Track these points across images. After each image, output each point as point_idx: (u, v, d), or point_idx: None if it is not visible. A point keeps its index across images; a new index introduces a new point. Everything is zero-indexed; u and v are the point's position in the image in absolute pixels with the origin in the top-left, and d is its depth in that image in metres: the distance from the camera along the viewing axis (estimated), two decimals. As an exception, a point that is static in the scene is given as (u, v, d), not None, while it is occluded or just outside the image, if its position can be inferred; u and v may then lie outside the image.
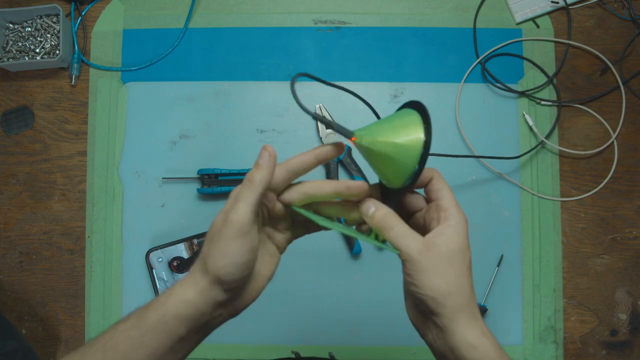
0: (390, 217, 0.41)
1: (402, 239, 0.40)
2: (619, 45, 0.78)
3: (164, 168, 0.77)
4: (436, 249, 0.40)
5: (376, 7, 0.80)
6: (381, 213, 0.42)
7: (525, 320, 0.74)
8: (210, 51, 0.80)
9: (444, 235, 0.41)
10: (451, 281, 0.39)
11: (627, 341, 0.74)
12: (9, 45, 0.78)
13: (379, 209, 0.42)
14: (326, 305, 0.75)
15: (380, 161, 0.41)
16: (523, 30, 0.79)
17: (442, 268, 0.39)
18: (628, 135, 0.77)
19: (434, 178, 0.43)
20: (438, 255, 0.40)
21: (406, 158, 0.40)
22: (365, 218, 0.43)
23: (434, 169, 0.43)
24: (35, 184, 0.78)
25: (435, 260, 0.40)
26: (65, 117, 0.79)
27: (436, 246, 0.40)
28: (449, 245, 0.40)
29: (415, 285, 0.40)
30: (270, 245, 0.46)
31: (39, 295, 0.77)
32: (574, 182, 0.77)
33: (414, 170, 0.40)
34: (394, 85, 0.78)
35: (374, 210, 0.42)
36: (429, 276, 0.39)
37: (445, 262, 0.40)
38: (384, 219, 0.41)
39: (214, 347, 0.74)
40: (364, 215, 0.43)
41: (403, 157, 0.40)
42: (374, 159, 0.41)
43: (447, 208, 0.42)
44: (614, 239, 0.76)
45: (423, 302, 0.40)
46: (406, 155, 0.40)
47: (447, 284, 0.39)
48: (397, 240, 0.41)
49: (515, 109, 0.77)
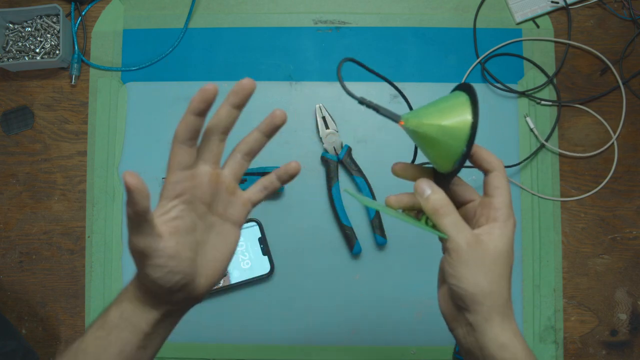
0: (445, 203, 0.41)
1: (454, 227, 0.40)
2: (619, 45, 0.78)
3: (164, 168, 0.76)
4: (484, 245, 0.39)
5: (376, 7, 0.80)
6: (437, 197, 0.41)
7: (525, 320, 0.74)
8: (210, 51, 0.80)
9: (493, 234, 0.40)
10: (493, 280, 0.39)
11: (627, 341, 0.75)
12: (9, 45, 0.78)
13: (435, 192, 0.41)
14: (326, 305, 0.75)
15: (428, 144, 0.40)
16: (523, 30, 0.79)
17: (486, 266, 0.39)
18: (628, 135, 0.77)
19: (495, 171, 0.42)
20: (485, 252, 0.39)
21: (453, 140, 0.39)
22: (419, 199, 0.42)
23: (499, 161, 0.42)
24: (35, 184, 0.78)
25: (481, 256, 0.39)
26: (65, 117, 0.79)
27: (486, 243, 0.39)
28: (497, 245, 0.40)
29: (455, 277, 0.39)
30: (223, 224, 0.43)
31: (39, 295, 0.77)
32: (574, 182, 0.77)
33: (461, 152, 0.39)
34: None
35: (429, 193, 0.41)
36: (472, 271, 0.39)
37: (490, 261, 0.39)
38: (440, 203, 0.41)
39: (214, 347, 0.74)
40: (419, 196, 0.42)
41: (450, 139, 0.39)
42: (422, 142, 0.40)
43: (499, 208, 0.41)
44: (614, 239, 0.76)
45: (460, 296, 0.40)
46: (453, 138, 0.39)
47: (489, 283, 0.39)
48: (449, 227, 0.40)
49: (515, 109, 0.77)
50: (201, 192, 0.41)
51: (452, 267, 0.40)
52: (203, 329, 0.75)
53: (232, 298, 0.75)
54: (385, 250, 0.75)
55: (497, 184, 0.41)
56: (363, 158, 0.76)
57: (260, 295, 0.75)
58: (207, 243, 0.42)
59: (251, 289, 0.75)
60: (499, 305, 0.39)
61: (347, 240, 0.74)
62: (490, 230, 0.40)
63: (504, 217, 0.40)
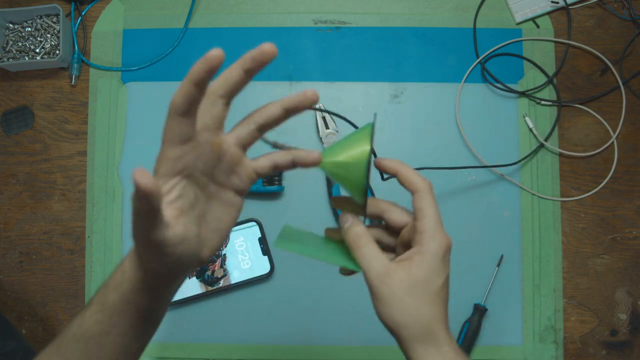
0: (361, 235, 0.40)
1: (365, 260, 0.39)
2: (619, 45, 0.78)
3: (164, 168, 0.77)
4: (396, 275, 0.38)
5: (376, 7, 0.80)
6: (354, 229, 0.40)
7: (525, 320, 0.74)
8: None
9: (412, 260, 0.38)
10: (406, 312, 0.38)
11: (627, 341, 0.74)
12: (9, 45, 0.78)
13: (354, 225, 0.41)
14: (326, 305, 0.75)
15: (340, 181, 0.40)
16: (523, 30, 0.79)
17: (398, 297, 0.38)
18: (628, 135, 0.77)
19: (417, 192, 0.40)
20: (397, 283, 0.38)
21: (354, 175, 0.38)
22: (341, 231, 0.41)
23: (424, 182, 0.40)
24: (35, 184, 0.78)
25: (392, 288, 0.38)
26: (65, 117, 0.79)
27: (397, 272, 0.38)
28: (412, 273, 0.38)
29: (374, 308, 0.39)
30: (226, 193, 0.40)
31: (39, 295, 0.77)
32: (574, 182, 0.77)
33: (362, 186, 0.38)
34: (394, 85, 0.78)
35: (348, 225, 0.41)
36: (384, 304, 0.38)
37: (403, 291, 0.38)
38: (355, 235, 0.40)
39: (214, 347, 0.74)
40: (341, 228, 0.41)
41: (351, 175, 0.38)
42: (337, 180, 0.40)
43: (422, 231, 0.39)
44: (614, 239, 0.76)
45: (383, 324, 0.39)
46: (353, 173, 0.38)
47: (400, 315, 0.38)
48: (361, 260, 0.39)
49: (515, 109, 0.77)
50: (202, 162, 0.37)
51: (371, 298, 0.39)
52: (203, 329, 0.75)
53: (232, 298, 0.75)
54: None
55: (420, 204, 0.39)
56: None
57: (260, 295, 0.75)
58: (209, 214, 0.39)
59: (251, 289, 0.75)
60: (418, 334, 0.38)
61: (347, 240, 0.74)
62: (409, 256, 0.39)
63: (426, 241, 0.38)
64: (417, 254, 0.39)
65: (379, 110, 0.77)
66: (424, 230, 0.39)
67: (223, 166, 0.39)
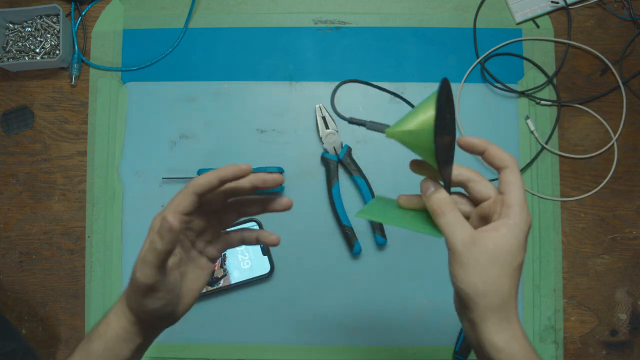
0: (444, 202, 0.40)
1: (450, 227, 0.40)
2: (619, 45, 0.78)
3: (164, 168, 0.77)
4: (483, 244, 0.38)
5: (376, 7, 0.80)
6: (437, 196, 0.41)
7: (525, 320, 0.74)
8: (210, 51, 0.80)
9: (498, 231, 0.39)
10: (489, 280, 0.38)
11: (627, 341, 0.75)
12: (9, 45, 0.78)
13: (437, 191, 0.41)
14: (326, 305, 0.75)
15: (411, 149, 0.40)
16: (523, 30, 0.79)
17: (482, 265, 0.38)
18: (628, 135, 0.77)
19: (507, 168, 0.41)
20: (482, 251, 0.38)
21: (422, 142, 0.38)
22: (423, 197, 0.42)
23: (511, 158, 0.41)
24: (35, 184, 0.78)
25: (477, 256, 0.38)
26: (65, 117, 0.79)
27: (484, 241, 0.39)
28: (499, 243, 0.38)
29: (453, 275, 0.39)
30: (201, 259, 0.48)
31: (39, 295, 0.77)
32: (574, 182, 0.77)
33: (433, 153, 0.38)
34: (394, 85, 0.78)
35: (431, 192, 0.41)
36: (467, 271, 0.38)
37: (487, 260, 0.38)
38: (438, 202, 0.41)
39: (214, 347, 0.74)
40: (423, 195, 0.42)
41: (420, 142, 0.38)
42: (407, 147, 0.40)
43: (510, 205, 0.39)
44: (614, 239, 0.76)
45: (457, 293, 0.40)
46: (421, 140, 0.38)
47: (483, 283, 0.38)
48: (445, 227, 0.40)
49: (516, 109, 0.77)
50: (192, 232, 0.46)
51: (450, 265, 0.40)
52: (203, 329, 0.75)
53: (232, 298, 0.75)
54: (385, 250, 0.75)
55: (509, 179, 0.40)
56: (363, 158, 0.76)
57: (260, 295, 0.75)
58: (187, 275, 0.46)
59: (251, 289, 0.75)
60: (495, 305, 0.38)
61: (347, 240, 0.74)
62: (496, 227, 0.39)
63: (515, 215, 0.39)
64: (504, 226, 0.39)
65: (378, 111, 0.77)
66: (513, 204, 0.39)
67: (205, 236, 0.47)
